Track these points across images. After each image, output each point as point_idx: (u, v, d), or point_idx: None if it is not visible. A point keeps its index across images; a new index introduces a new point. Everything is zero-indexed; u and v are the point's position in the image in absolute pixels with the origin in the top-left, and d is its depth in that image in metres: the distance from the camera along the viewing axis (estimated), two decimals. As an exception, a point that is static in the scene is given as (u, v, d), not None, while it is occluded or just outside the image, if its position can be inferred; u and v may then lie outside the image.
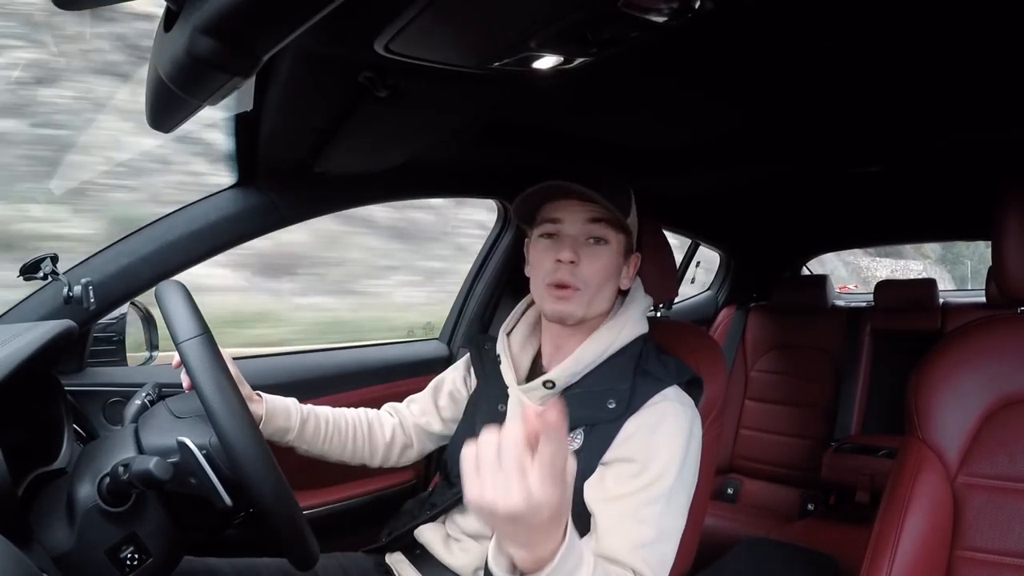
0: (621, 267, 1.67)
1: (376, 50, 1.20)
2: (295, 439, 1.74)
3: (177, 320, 1.33)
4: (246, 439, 1.24)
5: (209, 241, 1.86)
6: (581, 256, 1.59)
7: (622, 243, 1.65)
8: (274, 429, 1.70)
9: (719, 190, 3.12)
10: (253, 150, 1.77)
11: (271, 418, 1.69)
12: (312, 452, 1.80)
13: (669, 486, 1.43)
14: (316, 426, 1.78)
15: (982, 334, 1.61)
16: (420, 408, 1.96)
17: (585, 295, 1.60)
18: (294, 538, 1.29)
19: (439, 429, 1.93)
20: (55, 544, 1.21)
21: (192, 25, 0.83)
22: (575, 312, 1.61)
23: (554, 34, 1.17)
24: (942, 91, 1.76)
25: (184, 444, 1.28)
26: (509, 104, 1.72)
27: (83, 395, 1.83)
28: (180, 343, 1.30)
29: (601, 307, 1.65)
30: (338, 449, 1.83)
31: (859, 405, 3.73)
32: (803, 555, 2.77)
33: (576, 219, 1.62)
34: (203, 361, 1.29)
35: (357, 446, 1.86)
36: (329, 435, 1.80)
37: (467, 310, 2.87)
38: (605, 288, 1.63)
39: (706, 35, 1.36)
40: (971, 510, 1.50)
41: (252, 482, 1.23)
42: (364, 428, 1.88)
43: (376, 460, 1.91)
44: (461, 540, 1.70)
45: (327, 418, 1.82)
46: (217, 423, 1.24)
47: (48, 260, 1.67)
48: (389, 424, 1.93)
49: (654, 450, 1.46)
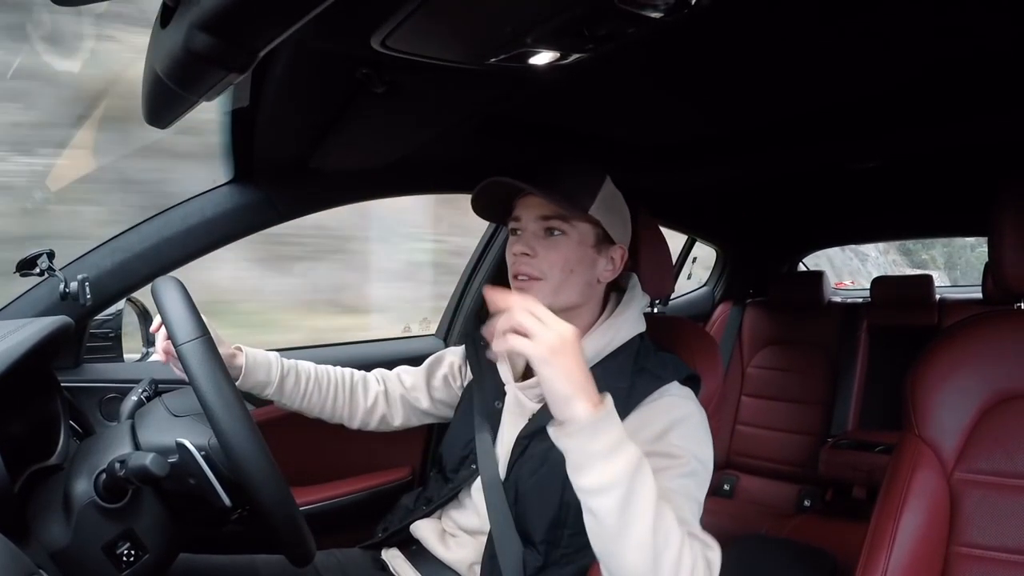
0: (592, 258, 1.64)
1: (373, 46, 1.20)
2: (274, 393, 1.76)
3: (175, 320, 1.33)
4: (246, 441, 1.24)
5: (205, 237, 1.86)
6: (538, 248, 1.61)
7: (587, 233, 1.63)
8: (253, 383, 1.72)
9: (716, 185, 3.12)
10: (249, 146, 1.77)
11: (251, 372, 1.70)
12: (290, 407, 1.82)
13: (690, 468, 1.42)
14: (296, 382, 1.79)
15: (979, 330, 1.61)
16: (412, 382, 1.96)
17: (547, 285, 1.59)
18: (292, 536, 1.29)
19: (427, 407, 1.95)
20: (52, 540, 1.21)
21: (189, 21, 0.83)
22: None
23: (550, 30, 1.16)
24: (941, 86, 1.76)
25: (183, 445, 1.28)
26: (506, 100, 1.72)
27: (79, 391, 1.83)
28: (179, 345, 1.30)
29: (571, 298, 1.63)
30: (317, 406, 1.85)
31: (856, 401, 3.74)
32: (800, 551, 2.77)
33: (531, 215, 1.63)
34: (203, 363, 1.28)
35: (337, 405, 1.88)
36: (309, 392, 1.82)
37: (463, 306, 2.87)
38: (570, 279, 1.61)
39: (703, 30, 1.35)
40: (968, 506, 1.50)
41: (252, 484, 1.23)
42: (346, 388, 1.90)
43: (355, 423, 1.93)
44: (457, 535, 1.71)
45: (308, 374, 1.83)
46: (217, 424, 1.24)
47: (44, 256, 1.67)
48: (374, 391, 1.93)
49: (663, 441, 1.45)
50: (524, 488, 1.59)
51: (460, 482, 1.72)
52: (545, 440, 1.52)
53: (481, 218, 1.81)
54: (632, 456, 1.19)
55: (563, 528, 1.53)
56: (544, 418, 1.57)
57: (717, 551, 1.32)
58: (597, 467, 1.17)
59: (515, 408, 1.68)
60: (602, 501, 1.18)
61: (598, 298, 1.71)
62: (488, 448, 1.66)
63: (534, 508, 1.56)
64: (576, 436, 1.18)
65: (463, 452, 1.74)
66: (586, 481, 1.19)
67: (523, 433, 1.62)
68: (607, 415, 1.19)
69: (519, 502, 1.59)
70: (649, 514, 1.18)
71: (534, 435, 1.59)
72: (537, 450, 1.58)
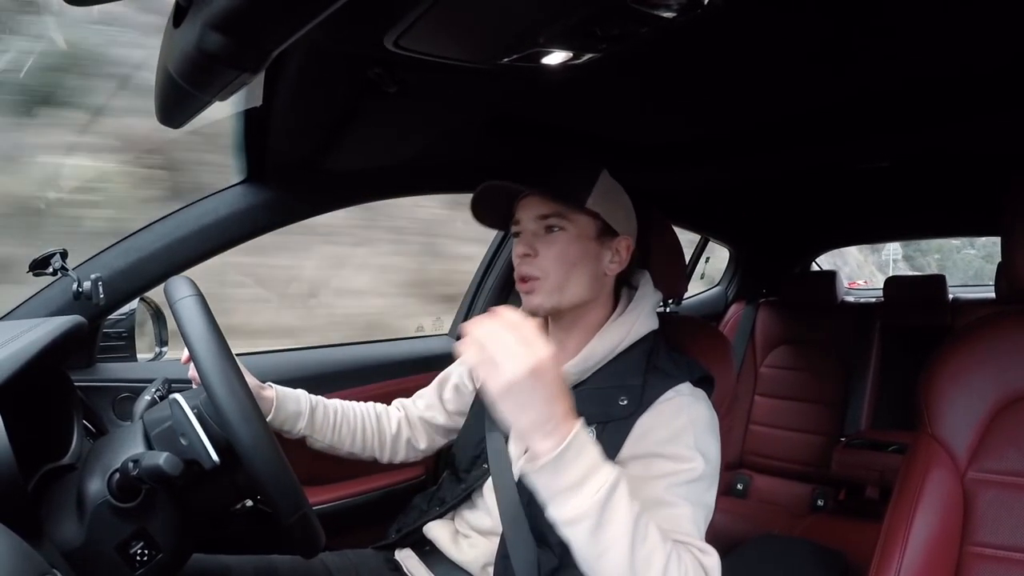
0: (595, 251, 1.64)
1: (385, 46, 1.20)
2: (306, 426, 1.76)
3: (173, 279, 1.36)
4: (230, 386, 1.24)
5: (218, 237, 1.86)
6: (538, 247, 1.61)
7: (587, 226, 1.62)
8: (286, 416, 1.72)
9: (728, 185, 3.11)
10: (262, 146, 1.77)
11: (282, 403, 1.71)
12: (324, 442, 1.82)
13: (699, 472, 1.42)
14: (325, 414, 1.80)
15: (992, 330, 1.60)
16: (425, 402, 1.97)
17: (548, 283, 1.59)
18: (284, 498, 1.26)
19: (444, 421, 1.94)
20: (65, 539, 1.21)
21: (201, 21, 0.83)
22: (543, 303, 1.61)
23: (563, 30, 1.17)
24: (955, 85, 1.75)
25: (176, 401, 1.29)
26: (518, 99, 1.72)
27: (93, 391, 1.83)
28: (174, 303, 1.31)
29: (578, 294, 1.62)
30: (348, 439, 1.85)
31: (869, 401, 3.74)
32: (813, 551, 2.77)
33: (529, 215, 1.64)
34: (194, 315, 1.30)
35: (367, 437, 1.88)
36: (338, 424, 1.83)
37: (476, 305, 2.87)
38: (574, 273, 1.61)
39: (715, 29, 1.35)
40: (981, 506, 1.50)
41: (237, 434, 1.22)
42: (372, 420, 1.90)
43: (385, 454, 1.93)
44: (470, 536, 1.70)
45: (335, 406, 1.84)
46: (201, 368, 1.25)
47: (57, 256, 1.67)
48: (395, 418, 1.95)
49: (674, 444, 1.44)
50: None
51: (472, 482, 1.71)
52: None
53: (484, 226, 1.81)
54: (602, 484, 1.17)
55: None
56: None
57: (714, 557, 1.32)
58: (563, 500, 1.16)
59: None
60: (572, 531, 1.17)
61: (608, 294, 1.70)
62: (499, 448, 1.64)
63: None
64: (540, 473, 1.16)
65: (475, 452, 1.74)
66: (555, 513, 1.18)
67: None
68: (573, 446, 1.15)
69: (532, 502, 1.58)
70: (623, 540, 1.16)
71: None
72: None
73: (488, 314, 1.16)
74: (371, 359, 2.49)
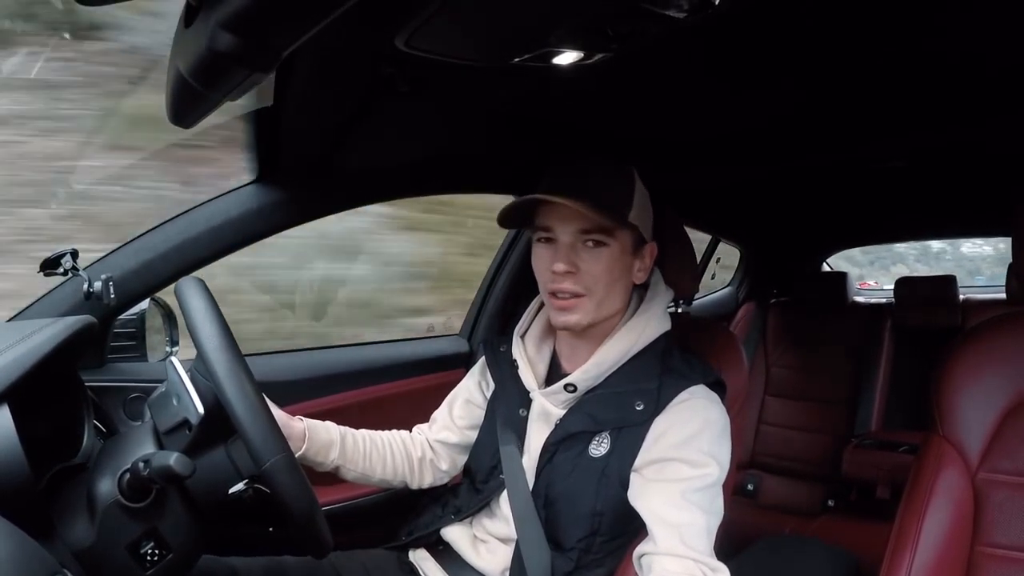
0: (630, 263, 1.61)
1: (397, 45, 1.21)
2: (339, 456, 1.72)
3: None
4: (241, 387, 1.25)
5: (229, 237, 1.86)
6: (579, 263, 1.55)
7: (627, 239, 1.58)
8: (319, 445, 1.68)
9: (740, 185, 3.10)
10: (274, 145, 1.77)
11: (314, 435, 1.66)
12: (356, 471, 1.77)
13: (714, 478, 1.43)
14: (355, 443, 1.77)
15: (1003, 330, 1.60)
16: (440, 424, 1.93)
17: (591, 300, 1.55)
18: (264, 442, 1.26)
19: (457, 440, 1.90)
20: (76, 539, 1.21)
21: (213, 21, 0.83)
22: (581, 321, 1.56)
23: (574, 29, 1.17)
24: (969, 86, 1.74)
25: (170, 363, 1.32)
26: (529, 98, 1.72)
27: (103, 390, 1.83)
28: (184, 304, 1.33)
29: (614, 307, 1.61)
30: (379, 466, 1.81)
31: (879, 401, 3.74)
32: (823, 551, 2.77)
33: (567, 228, 1.55)
34: (205, 317, 1.31)
35: (396, 462, 1.84)
36: (368, 451, 1.79)
37: (487, 306, 2.86)
38: (615, 288, 1.58)
39: (726, 29, 1.35)
40: (992, 506, 1.50)
41: (220, 379, 1.24)
42: (399, 445, 1.87)
43: (415, 478, 1.89)
44: (488, 541, 1.70)
45: (363, 435, 1.81)
46: (193, 328, 1.27)
47: (68, 255, 1.67)
48: (418, 441, 1.91)
49: (688, 447, 1.45)
50: (553, 495, 1.58)
51: (489, 492, 1.70)
52: (573, 447, 1.52)
53: (502, 227, 1.74)
54: None
55: (596, 536, 1.53)
56: (570, 424, 1.57)
57: (724, 574, 1.33)
58: None
59: (541, 415, 1.66)
60: None
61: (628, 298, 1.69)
62: (514, 457, 1.65)
63: (565, 515, 1.56)
64: None
65: (491, 462, 1.73)
66: None
67: (550, 440, 1.60)
68: None
69: (548, 510, 1.57)
70: None
71: (561, 442, 1.58)
72: (565, 457, 1.58)
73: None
74: (382, 359, 2.48)
